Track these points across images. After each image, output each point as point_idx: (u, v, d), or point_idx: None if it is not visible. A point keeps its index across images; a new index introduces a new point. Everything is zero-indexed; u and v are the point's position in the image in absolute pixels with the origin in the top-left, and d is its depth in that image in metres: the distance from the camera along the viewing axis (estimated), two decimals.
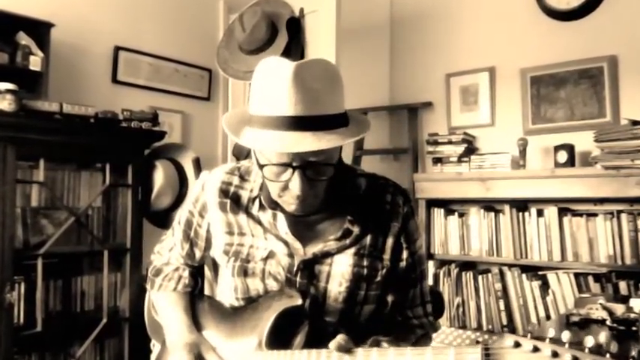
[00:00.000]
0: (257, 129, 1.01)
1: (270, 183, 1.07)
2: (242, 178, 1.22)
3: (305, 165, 1.01)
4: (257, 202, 1.17)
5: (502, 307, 2.89)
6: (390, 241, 1.16)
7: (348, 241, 1.13)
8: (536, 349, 0.69)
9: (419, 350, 0.87)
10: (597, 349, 0.66)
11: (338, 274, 1.13)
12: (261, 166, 1.04)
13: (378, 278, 1.15)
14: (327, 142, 0.98)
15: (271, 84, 1.00)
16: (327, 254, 1.13)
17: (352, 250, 1.14)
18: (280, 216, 1.14)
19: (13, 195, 2.22)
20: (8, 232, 2.19)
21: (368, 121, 1.12)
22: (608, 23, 2.85)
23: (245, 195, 1.20)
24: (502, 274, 2.92)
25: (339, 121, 1.03)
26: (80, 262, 2.59)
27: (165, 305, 1.32)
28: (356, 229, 1.14)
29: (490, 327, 2.92)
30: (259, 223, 1.17)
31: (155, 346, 1.41)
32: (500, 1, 3.21)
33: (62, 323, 2.44)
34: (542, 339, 0.69)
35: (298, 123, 0.97)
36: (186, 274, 1.33)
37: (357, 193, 1.18)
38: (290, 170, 1.01)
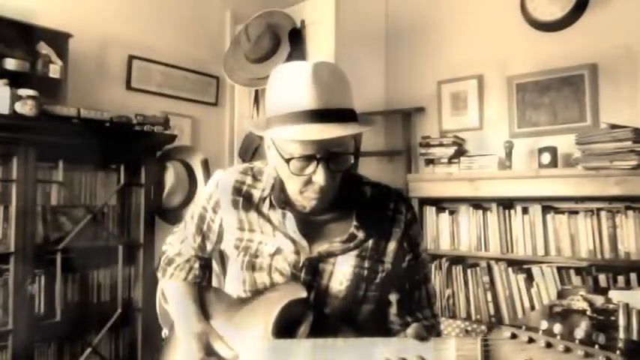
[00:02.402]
0: (281, 126, 1.02)
1: (292, 180, 1.07)
2: (254, 178, 1.21)
3: (328, 156, 1.02)
4: (267, 201, 1.17)
5: (489, 298, 2.88)
6: (391, 246, 1.15)
7: (352, 244, 1.13)
8: (531, 340, 0.68)
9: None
10: (587, 341, 0.65)
11: (340, 274, 1.13)
12: (287, 161, 1.03)
13: (377, 280, 1.14)
14: (352, 129, 1.01)
15: (291, 83, 1.02)
16: (331, 254, 1.13)
17: (355, 252, 1.13)
18: (289, 215, 1.13)
19: (34, 194, 2.21)
20: (30, 228, 2.18)
21: (372, 118, 1.15)
22: (588, 34, 2.84)
23: (257, 194, 1.19)
24: (489, 268, 2.90)
25: (353, 115, 1.06)
26: (97, 256, 2.57)
27: (175, 294, 1.30)
28: (360, 234, 1.13)
29: (478, 317, 2.91)
30: (269, 221, 1.16)
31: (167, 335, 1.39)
32: (488, 13, 3.19)
33: (80, 313, 2.43)
34: (535, 330, 0.68)
35: (321, 115, 1.00)
36: (196, 265, 1.32)
37: (363, 200, 1.18)
38: (314, 163, 1.02)
